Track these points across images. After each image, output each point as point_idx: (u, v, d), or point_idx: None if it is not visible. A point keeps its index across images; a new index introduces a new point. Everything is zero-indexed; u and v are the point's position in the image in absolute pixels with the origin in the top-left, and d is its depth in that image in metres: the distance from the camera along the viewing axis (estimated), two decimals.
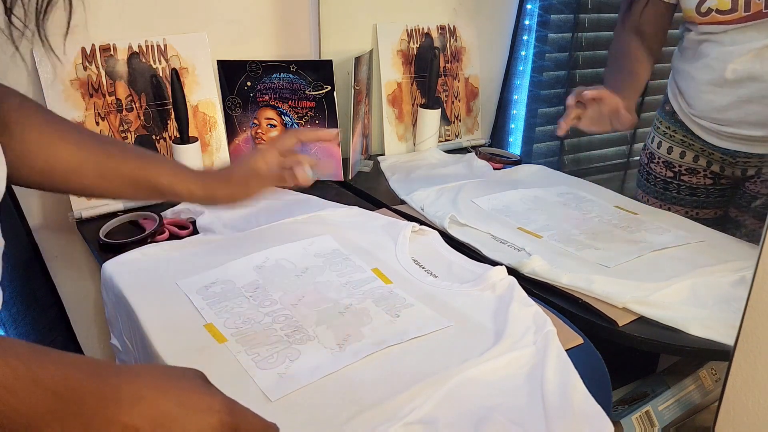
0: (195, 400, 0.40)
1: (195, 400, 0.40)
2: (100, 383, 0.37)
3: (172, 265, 0.81)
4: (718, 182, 1.08)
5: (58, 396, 0.36)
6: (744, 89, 0.94)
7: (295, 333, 0.69)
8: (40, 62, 0.97)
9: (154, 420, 0.37)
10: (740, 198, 1.07)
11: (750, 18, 0.91)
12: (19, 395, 0.35)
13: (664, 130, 1.12)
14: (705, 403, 0.83)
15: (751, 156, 1.00)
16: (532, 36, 1.54)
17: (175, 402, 0.39)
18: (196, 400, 0.40)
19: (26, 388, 0.35)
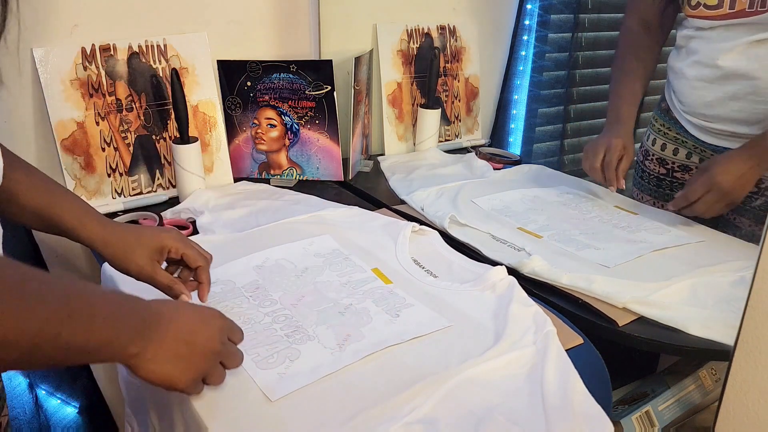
0: (206, 312, 0.59)
1: (206, 312, 0.59)
2: (156, 308, 0.54)
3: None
4: None
5: (142, 319, 0.51)
6: (731, 86, 0.96)
7: (295, 333, 0.69)
8: (40, 62, 0.97)
9: (189, 330, 0.55)
10: None
11: (734, 15, 0.93)
12: (126, 322, 0.50)
13: (659, 127, 1.14)
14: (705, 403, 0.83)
15: None
16: (532, 36, 1.54)
17: (197, 315, 0.57)
18: (207, 312, 0.59)
19: (128, 314, 0.50)
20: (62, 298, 0.45)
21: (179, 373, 0.54)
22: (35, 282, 0.44)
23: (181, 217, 1.02)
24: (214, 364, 0.57)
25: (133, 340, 0.50)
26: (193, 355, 0.55)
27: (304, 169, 1.21)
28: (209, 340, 0.56)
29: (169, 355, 0.53)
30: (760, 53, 0.92)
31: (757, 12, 0.90)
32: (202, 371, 0.56)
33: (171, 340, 0.53)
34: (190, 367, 0.54)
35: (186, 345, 0.54)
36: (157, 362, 0.52)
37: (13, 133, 1.01)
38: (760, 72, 0.93)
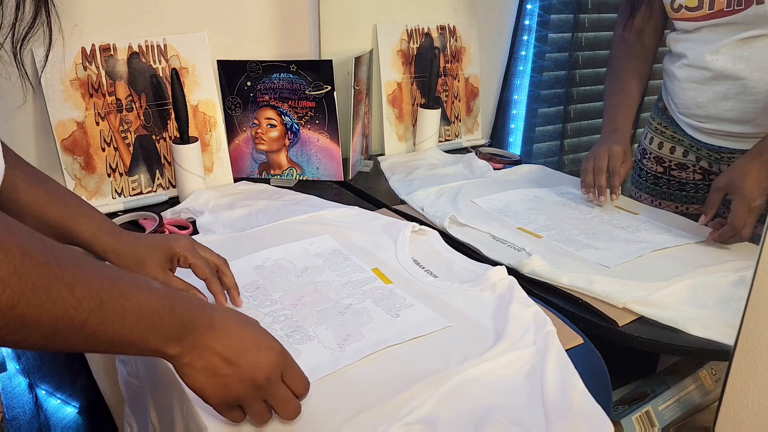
0: (265, 339, 0.54)
1: (265, 339, 0.54)
2: (204, 315, 0.51)
3: None
4: (707, 178, 1.10)
5: (181, 322, 0.48)
6: (720, 86, 0.98)
7: (295, 333, 0.69)
8: (40, 62, 0.97)
9: (235, 348, 0.51)
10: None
11: (714, 15, 0.94)
12: (163, 319, 0.47)
13: (656, 126, 1.15)
14: (705, 403, 0.83)
15: (734, 152, 1.02)
16: (532, 36, 1.54)
17: (251, 337, 0.53)
18: (266, 339, 0.54)
19: (167, 314, 0.47)
20: (94, 286, 0.43)
21: (212, 389, 0.51)
22: (67, 264, 0.42)
23: (181, 217, 1.02)
24: (255, 397, 0.53)
25: (169, 342, 0.48)
26: (231, 377, 0.51)
27: (304, 169, 1.21)
28: (254, 369, 0.52)
29: (205, 367, 0.50)
30: (745, 53, 0.93)
31: (735, 11, 0.92)
32: (237, 398, 0.52)
33: (211, 355, 0.50)
34: (224, 388, 0.51)
35: (227, 365, 0.51)
36: (193, 369, 0.50)
37: (13, 133, 1.01)
38: (747, 71, 0.94)
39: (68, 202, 0.70)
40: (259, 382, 0.52)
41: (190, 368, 0.50)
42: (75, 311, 0.41)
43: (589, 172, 1.06)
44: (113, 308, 0.43)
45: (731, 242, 0.93)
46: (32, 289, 0.39)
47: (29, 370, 1.02)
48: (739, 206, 0.88)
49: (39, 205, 0.67)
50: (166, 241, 0.71)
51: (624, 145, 1.05)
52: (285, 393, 0.54)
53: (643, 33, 1.10)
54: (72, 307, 0.41)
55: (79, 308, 0.41)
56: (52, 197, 0.68)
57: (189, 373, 0.50)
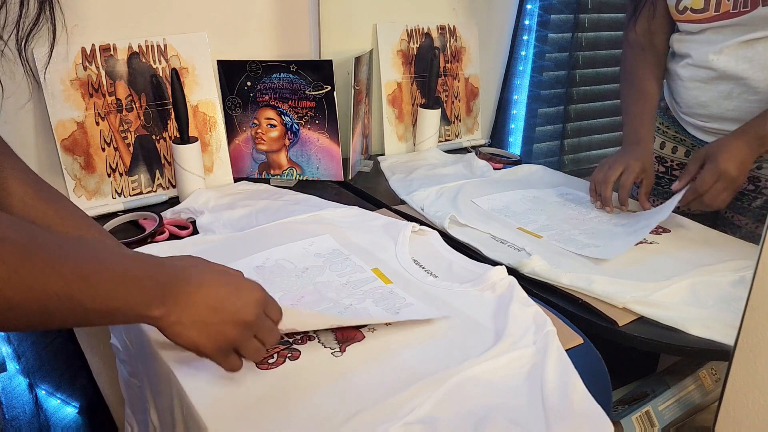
0: (242, 281, 0.57)
1: (242, 281, 0.57)
2: (182, 273, 0.53)
3: None
4: None
5: (161, 281, 0.51)
6: (723, 86, 0.98)
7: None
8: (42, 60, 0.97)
9: (218, 296, 0.54)
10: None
11: (720, 17, 0.94)
12: (143, 284, 0.49)
13: (658, 126, 1.15)
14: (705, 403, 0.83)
15: None
16: (532, 36, 1.54)
17: (229, 283, 0.56)
18: (243, 281, 0.57)
19: (146, 276, 0.50)
20: (74, 259, 0.45)
21: (205, 339, 0.53)
22: (45, 243, 0.43)
23: (181, 217, 1.02)
24: (247, 336, 0.56)
25: (153, 304, 0.50)
26: (221, 324, 0.54)
27: (304, 169, 1.21)
28: (240, 311, 0.55)
29: (193, 319, 0.52)
30: (749, 53, 0.94)
31: (741, 13, 0.92)
32: (231, 341, 0.55)
33: (196, 306, 0.52)
34: (217, 335, 0.54)
35: (213, 312, 0.53)
36: (183, 325, 0.52)
37: (13, 133, 1.01)
38: (750, 71, 0.94)
39: (79, 222, 0.69)
40: (249, 321, 0.55)
41: (178, 326, 0.52)
42: (60, 287, 0.43)
43: (598, 183, 1.05)
44: (96, 278, 0.46)
45: (695, 207, 0.95)
46: (15, 270, 0.40)
47: (29, 370, 1.02)
48: (708, 171, 0.90)
49: (48, 223, 0.66)
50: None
51: (644, 160, 1.03)
52: (270, 324, 0.59)
53: (654, 35, 1.09)
54: (57, 283, 0.43)
55: (64, 283, 0.43)
56: (62, 216, 0.68)
57: (179, 332, 0.52)
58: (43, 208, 0.66)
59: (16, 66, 0.61)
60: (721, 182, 0.90)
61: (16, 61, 0.58)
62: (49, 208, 0.67)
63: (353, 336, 0.69)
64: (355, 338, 0.68)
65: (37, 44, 0.97)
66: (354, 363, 0.64)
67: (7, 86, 0.92)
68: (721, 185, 0.90)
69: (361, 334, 0.69)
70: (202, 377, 0.61)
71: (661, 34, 1.09)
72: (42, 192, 0.67)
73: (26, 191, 0.65)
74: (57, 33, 0.57)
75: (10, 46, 0.56)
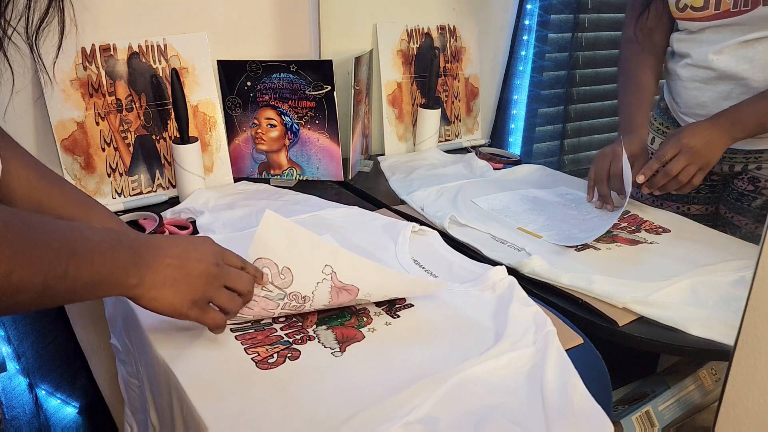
0: (194, 238, 0.63)
1: (194, 238, 0.63)
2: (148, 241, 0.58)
3: None
4: (708, 178, 1.09)
5: (132, 249, 0.55)
6: (723, 86, 0.98)
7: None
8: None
9: (179, 252, 0.58)
10: (729, 195, 1.08)
11: (719, 16, 0.94)
12: (120, 254, 0.54)
13: (658, 126, 1.15)
14: (705, 403, 0.83)
15: (736, 152, 1.02)
16: (532, 36, 1.54)
17: (185, 241, 0.61)
18: (195, 238, 0.63)
19: (119, 246, 0.54)
20: (64, 238, 0.49)
21: (179, 296, 0.57)
22: (38, 226, 0.47)
23: (181, 217, 1.02)
24: (216, 286, 0.60)
25: (130, 271, 0.54)
26: (188, 277, 0.57)
27: (304, 169, 1.21)
28: (200, 261, 0.58)
29: (164, 279, 0.56)
30: (749, 53, 0.93)
31: (741, 12, 0.92)
32: (202, 293, 0.59)
33: (163, 265, 0.56)
34: (187, 288, 0.57)
35: (178, 268, 0.57)
36: (156, 288, 0.56)
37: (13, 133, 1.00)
38: (750, 72, 0.94)
39: (84, 202, 0.72)
40: (211, 270, 0.59)
41: (153, 290, 0.56)
42: (57, 263, 0.47)
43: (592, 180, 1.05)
44: (83, 251, 0.50)
45: (663, 190, 0.97)
46: (22, 251, 0.45)
47: (29, 370, 1.02)
48: (671, 144, 0.94)
49: (54, 204, 0.68)
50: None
51: (636, 146, 1.02)
52: (235, 271, 0.62)
53: (653, 32, 1.09)
54: (54, 260, 0.47)
55: (59, 259, 0.48)
56: (68, 197, 0.70)
57: (155, 296, 0.56)
58: (48, 190, 0.68)
59: (23, 60, 0.60)
60: (683, 155, 0.92)
61: (24, 55, 0.57)
62: (55, 189, 0.69)
63: (353, 336, 0.69)
64: (355, 338, 0.68)
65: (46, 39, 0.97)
66: (354, 363, 0.64)
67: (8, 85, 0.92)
68: (683, 158, 0.92)
69: (361, 334, 0.69)
70: (202, 377, 0.61)
71: (660, 32, 1.09)
72: (45, 175, 0.69)
73: (30, 174, 0.67)
74: (66, 26, 0.57)
75: (22, 39, 0.55)
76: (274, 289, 0.66)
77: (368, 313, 0.73)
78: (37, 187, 0.67)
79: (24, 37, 0.56)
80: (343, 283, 0.67)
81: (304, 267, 0.66)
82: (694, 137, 0.92)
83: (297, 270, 0.66)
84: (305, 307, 0.68)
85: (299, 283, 0.66)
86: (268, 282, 0.66)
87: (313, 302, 0.68)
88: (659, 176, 0.95)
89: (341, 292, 0.68)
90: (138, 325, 0.71)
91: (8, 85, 0.63)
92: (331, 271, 0.66)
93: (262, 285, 0.65)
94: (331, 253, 0.66)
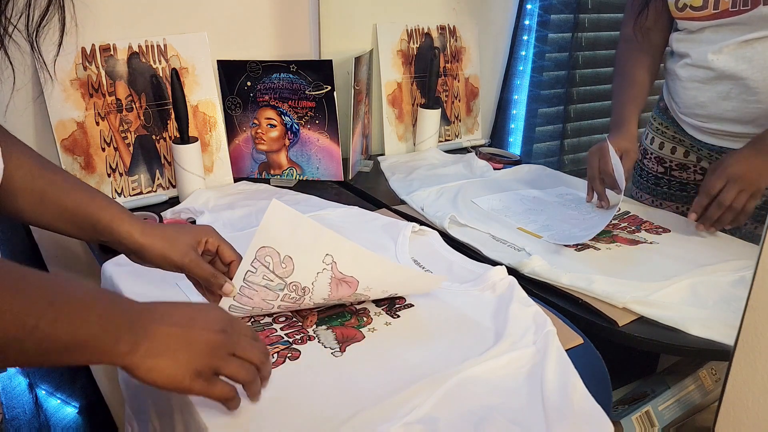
0: (197, 304, 0.57)
1: (197, 303, 0.57)
2: (147, 306, 0.52)
3: None
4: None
5: (126, 312, 0.49)
6: (722, 86, 0.98)
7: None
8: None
9: (181, 318, 0.52)
10: None
11: (719, 16, 0.94)
12: (107, 312, 0.47)
13: (657, 126, 1.15)
14: (705, 403, 0.83)
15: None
16: (532, 36, 1.54)
17: (187, 306, 0.55)
18: (199, 304, 0.57)
19: (109, 307, 0.48)
20: (40, 288, 0.43)
21: (181, 367, 0.50)
22: (10, 272, 0.42)
23: (181, 217, 1.02)
24: (222, 354, 0.53)
25: (121, 337, 0.47)
26: (190, 345, 0.51)
27: (304, 169, 1.21)
28: (205, 328, 0.52)
29: (163, 347, 0.49)
30: (748, 53, 0.93)
31: (740, 12, 0.92)
32: (207, 363, 0.52)
33: (162, 333, 0.50)
34: (189, 358, 0.50)
35: (180, 336, 0.50)
36: (152, 357, 0.49)
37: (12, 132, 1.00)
38: (749, 72, 0.94)
39: (86, 188, 0.68)
40: (217, 338, 0.52)
41: (148, 359, 0.49)
42: (26, 315, 0.41)
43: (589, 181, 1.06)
44: (61, 307, 0.43)
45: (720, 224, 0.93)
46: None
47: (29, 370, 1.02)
48: (717, 176, 0.90)
49: (57, 191, 0.66)
50: (193, 227, 0.71)
51: (624, 140, 1.03)
52: (246, 338, 0.56)
53: (650, 31, 1.09)
54: (23, 311, 0.41)
55: (30, 312, 0.41)
56: (70, 184, 0.67)
57: (151, 366, 0.49)
58: (51, 177, 0.65)
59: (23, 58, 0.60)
60: (731, 185, 0.89)
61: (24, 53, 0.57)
62: (57, 177, 0.66)
63: (353, 336, 0.69)
64: (355, 338, 0.68)
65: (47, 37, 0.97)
66: (354, 363, 0.64)
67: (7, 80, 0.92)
68: (731, 188, 0.89)
69: (361, 334, 0.69)
70: None
71: (659, 32, 1.09)
72: (46, 165, 0.67)
73: (32, 163, 0.65)
74: (66, 23, 0.56)
75: (23, 37, 0.55)
76: (275, 279, 0.66)
77: (368, 313, 0.73)
78: (40, 176, 0.64)
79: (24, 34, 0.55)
80: (343, 274, 0.67)
81: (306, 255, 0.66)
82: (738, 164, 0.90)
83: (298, 259, 0.65)
84: (304, 300, 0.68)
85: (300, 272, 0.66)
86: (269, 271, 0.65)
87: (313, 295, 0.68)
88: (712, 209, 0.92)
89: (341, 284, 0.67)
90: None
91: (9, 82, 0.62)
92: (331, 260, 0.66)
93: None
94: (333, 242, 0.66)
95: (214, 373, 0.52)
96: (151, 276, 0.80)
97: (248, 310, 0.69)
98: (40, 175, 0.65)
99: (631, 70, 1.10)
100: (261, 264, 0.66)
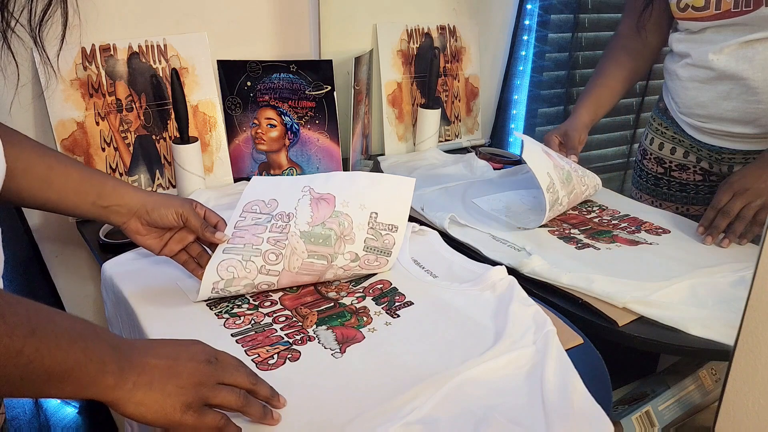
0: (187, 342, 0.56)
1: (187, 342, 0.56)
2: (131, 341, 0.52)
3: (172, 265, 0.81)
4: (707, 179, 1.10)
5: (112, 345, 0.48)
6: (723, 86, 0.98)
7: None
8: (39, 62, 0.97)
9: (167, 351, 0.52)
10: None
11: (720, 16, 0.94)
12: (93, 342, 0.47)
13: (657, 126, 1.15)
14: (705, 403, 0.83)
15: (735, 152, 1.02)
16: (532, 36, 1.54)
17: (171, 341, 0.55)
18: (188, 342, 0.56)
19: (95, 338, 0.47)
20: (24, 313, 0.43)
21: (170, 400, 0.49)
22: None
23: None
24: (210, 384, 0.52)
25: (108, 366, 0.47)
26: (178, 378, 0.50)
27: (304, 169, 1.21)
28: (191, 360, 0.52)
29: (150, 381, 0.49)
30: (749, 54, 0.93)
31: (742, 12, 0.92)
32: (195, 394, 0.51)
33: (149, 366, 0.50)
34: (178, 391, 0.50)
35: (167, 369, 0.50)
36: (140, 390, 0.48)
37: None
38: (750, 72, 0.94)
39: (82, 166, 0.72)
40: (203, 369, 0.52)
41: (137, 392, 0.48)
42: (9, 339, 0.41)
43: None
44: (45, 333, 0.43)
45: (732, 235, 0.91)
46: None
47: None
48: (724, 190, 0.91)
49: (65, 160, 0.70)
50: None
51: (568, 125, 1.10)
52: (232, 366, 0.56)
53: (645, 31, 1.10)
54: (5, 334, 0.40)
55: (13, 335, 0.41)
56: (73, 160, 0.73)
57: (141, 400, 0.48)
58: (55, 154, 0.70)
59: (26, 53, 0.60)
60: (738, 197, 0.89)
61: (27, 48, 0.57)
62: (61, 155, 0.72)
63: (353, 336, 0.69)
64: (355, 338, 0.68)
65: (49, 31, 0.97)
66: (354, 364, 0.64)
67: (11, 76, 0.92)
68: (739, 200, 0.89)
69: (361, 334, 0.69)
70: None
71: (655, 32, 1.10)
72: (48, 148, 0.70)
73: (35, 145, 0.69)
74: (69, 17, 0.56)
75: (26, 31, 0.55)
76: (263, 216, 0.77)
77: (368, 313, 0.73)
78: (44, 154, 0.67)
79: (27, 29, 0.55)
80: (320, 193, 0.78)
81: (287, 193, 0.79)
82: (744, 178, 0.90)
83: (281, 197, 0.79)
84: (290, 228, 0.74)
85: (283, 204, 0.78)
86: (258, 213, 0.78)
87: (297, 220, 0.75)
88: (719, 218, 0.92)
89: (320, 202, 0.77)
90: (138, 325, 0.71)
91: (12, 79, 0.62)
92: (309, 188, 0.79)
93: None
94: (308, 179, 0.80)
95: (203, 404, 0.52)
96: (151, 276, 0.80)
97: (240, 249, 0.73)
98: (45, 153, 0.68)
99: (604, 63, 1.15)
100: (248, 212, 0.78)
